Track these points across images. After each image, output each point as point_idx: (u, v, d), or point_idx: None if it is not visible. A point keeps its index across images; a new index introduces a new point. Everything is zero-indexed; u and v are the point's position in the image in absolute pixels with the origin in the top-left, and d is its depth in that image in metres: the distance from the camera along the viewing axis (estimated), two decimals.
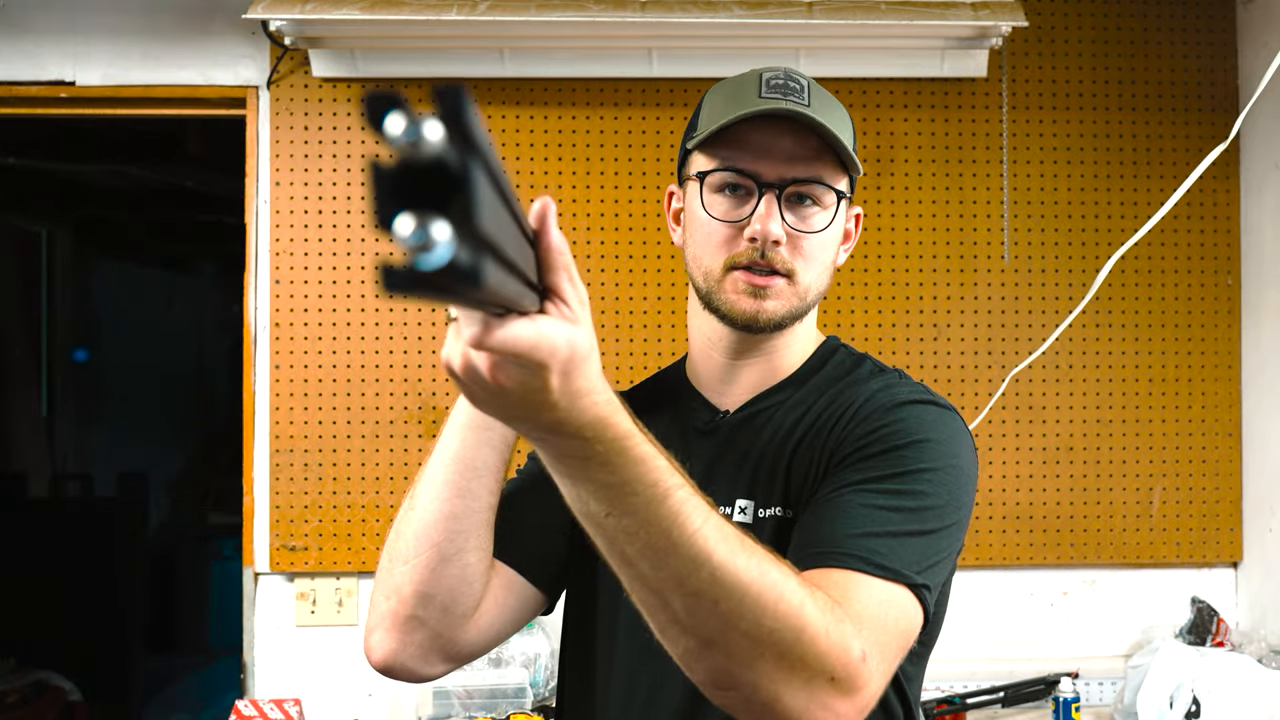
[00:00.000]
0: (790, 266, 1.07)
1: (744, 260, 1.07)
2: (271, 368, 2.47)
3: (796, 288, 1.09)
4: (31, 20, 2.49)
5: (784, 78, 1.08)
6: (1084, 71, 2.57)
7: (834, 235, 1.11)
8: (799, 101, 1.05)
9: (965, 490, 1.02)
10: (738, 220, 1.07)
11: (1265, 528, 2.48)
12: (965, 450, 1.04)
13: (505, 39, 2.40)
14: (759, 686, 0.81)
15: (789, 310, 1.09)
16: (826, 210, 1.08)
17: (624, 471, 0.73)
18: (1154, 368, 2.56)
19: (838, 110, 1.10)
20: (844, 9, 2.31)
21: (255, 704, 2.31)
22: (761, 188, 1.06)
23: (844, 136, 1.08)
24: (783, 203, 1.06)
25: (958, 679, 2.45)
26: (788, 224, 1.06)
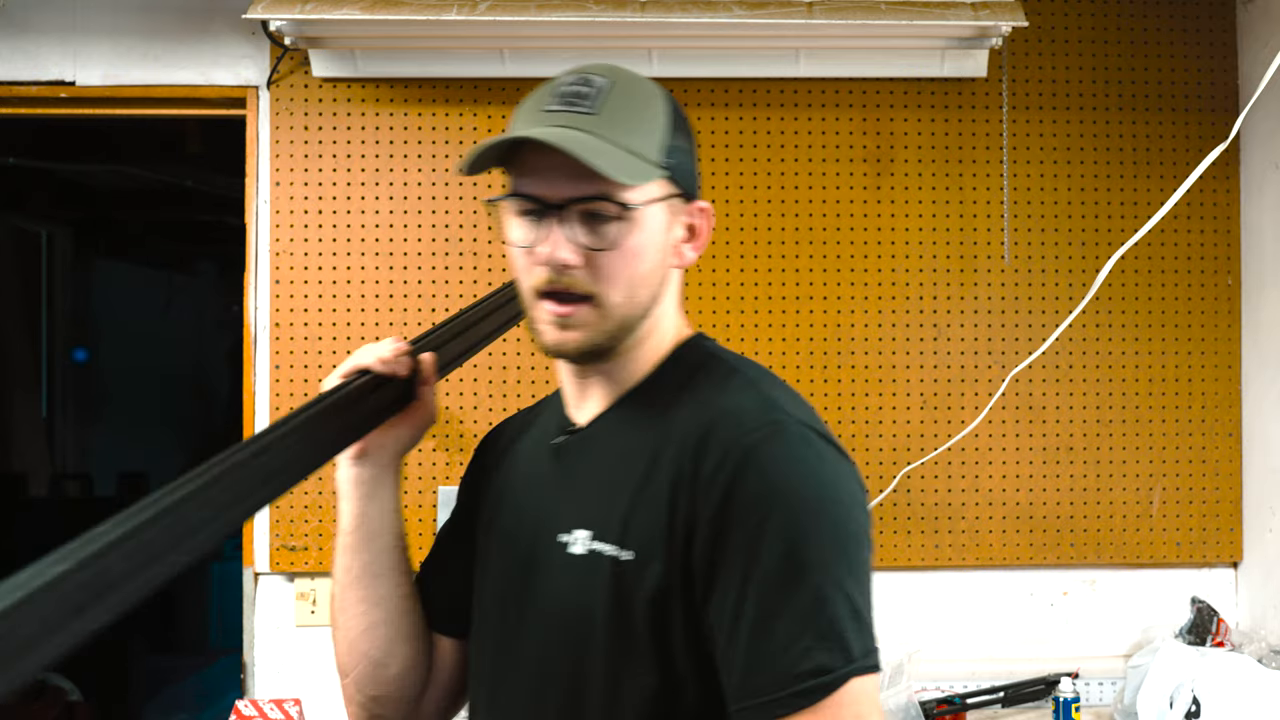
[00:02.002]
0: (591, 289, 1.00)
1: (544, 287, 1.01)
2: (271, 368, 2.47)
3: (603, 310, 1.01)
4: (31, 20, 2.49)
5: (576, 83, 1.01)
6: (1084, 71, 2.57)
7: (642, 244, 1.01)
8: (585, 110, 0.99)
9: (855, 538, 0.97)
10: (530, 245, 1.01)
11: (1265, 528, 2.48)
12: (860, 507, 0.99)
13: (505, 39, 2.40)
14: None
15: (599, 337, 1.02)
16: (627, 222, 1.00)
17: None
18: (1154, 368, 2.56)
19: (634, 109, 1.02)
20: (844, 9, 2.31)
21: (255, 704, 2.31)
22: (547, 210, 1.00)
23: (636, 138, 1.00)
24: (576, 221, 0.99)
25: (958, 679, 2.45)
26: (584, 244, 0.99)
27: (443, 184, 2.50)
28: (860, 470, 1.03)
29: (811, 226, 2.53)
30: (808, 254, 2.52)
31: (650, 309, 1.06)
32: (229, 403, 4.84)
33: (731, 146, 2.53)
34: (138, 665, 4.35)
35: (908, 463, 2.45)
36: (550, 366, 1.11)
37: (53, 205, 4.89)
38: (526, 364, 2.47)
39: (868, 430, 2.51)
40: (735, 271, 2.51)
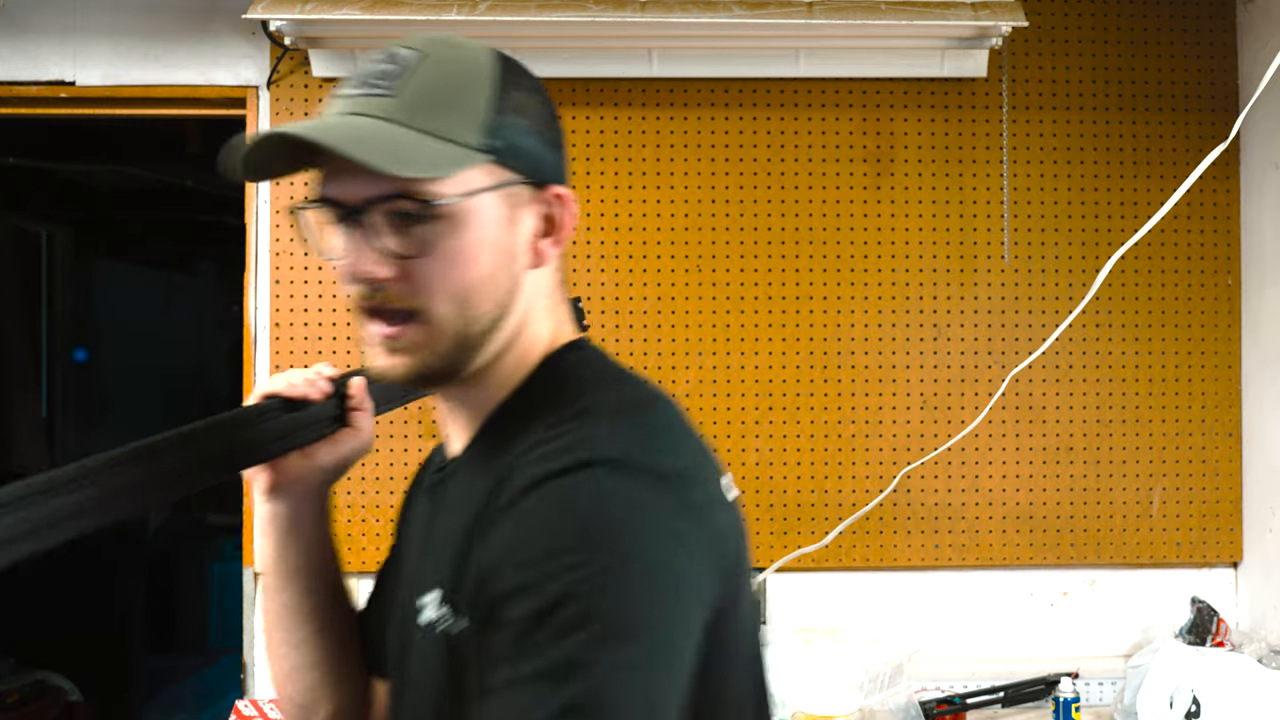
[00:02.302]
0: (411, 304, 0.85)
1: (363, 305, 0.87)
2: (271, 368, 2.47)
3: (431, 327, 0.85)
4: (31, 20, 2.49)
5: (380, 62, 0.86)
6: (1084, 71, 2.57)
7: (470, 244, 0.85)
8: (382, 92, 0.84)
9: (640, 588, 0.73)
10: (336, 259, 0.87)
11: (1265, 528, 2.48)
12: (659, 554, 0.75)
13: (505, 39, 2.40)
14: None
15: (432, 360, 0.86)
16: (441, 221, 0.83)
17: None
18: (1154, 368, 2.56)
19: (446, 86, 0.85)
20: (844, 9, 2.31)
21: (255, 704, 2.31)
22: (348, 215, 0.85)
23: (446, 120, 0.84)
24: (384, 227, 0.84)
25: (958, 679, 2.45)
26: (395, 251, 0.84)
27: None
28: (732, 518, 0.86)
29: (811, 226, 2.53)
30: (808, 254, 2.52)
31: (499, 321, 0.88)
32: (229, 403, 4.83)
33: (731, 146, 2.53)
34: (138, 665, 4.35)
35: (908, 463, 2.45)
36: None
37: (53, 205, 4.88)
38: None
39: (868, 430, 2.51)
40: (735, 271, 2.51)
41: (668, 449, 0.82)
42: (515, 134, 0.86)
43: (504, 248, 0.87)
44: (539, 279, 0.91)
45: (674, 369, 2.50)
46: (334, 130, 0.81)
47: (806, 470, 2.51)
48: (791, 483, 2.51)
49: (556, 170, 0.91)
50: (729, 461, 2.47)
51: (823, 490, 2.51)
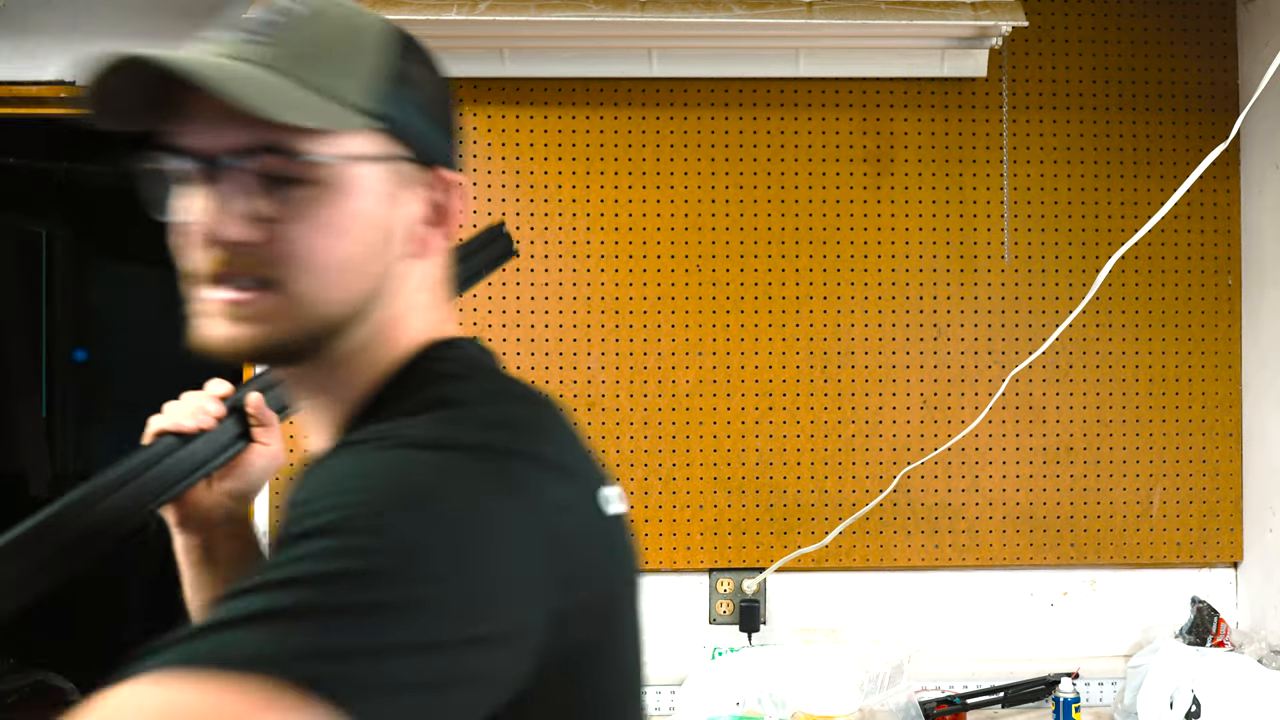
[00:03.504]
0: (270, 273, 0.74)
1: (208, 271, 0.75)
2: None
3: (289, 299, 0.75)
4: (32, 20, 2.49)
5: (265, 11, 0.78)
6: (1084, 71, 2.57)
7: (347, 215, 0.76)
8: (260, 40, 0.76)
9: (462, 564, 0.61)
10: (184, 220, 0.76)
11: (1265, 528, 2.48)
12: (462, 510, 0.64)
13: (505, 39, 2.40)
14: None
15: (282, 335, 0.75)
16: (318, 185, 0.74)
17: None
18: (1154, 368, 2.56)
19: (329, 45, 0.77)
20: (844, 9, 2.31)
21: None
22: (208, 169, 0.74)
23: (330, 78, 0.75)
24: (250, 186, 0.74)
25: (958, 679, 2.45)
26: (261, 213, 0.74)
27: None
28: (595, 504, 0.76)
29: (811, 226, 2.53)
30: (808, 254, 2.52)
31: (364, 307, 0.78)
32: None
33: (731, 146, 2.53)
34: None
35: (908, 463, 2.45)
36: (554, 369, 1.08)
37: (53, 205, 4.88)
38: (527, 367, 2.47)
39: (868, 430, 2.52)
40: (735, 271, 2.51)
41: (520, 436, 0.72)
42: (406, 108, 0.79)
43: (381, 226, 0.78)
44: (421, 271, 0.82)
45: (674, 369, 2.50)
46: (202, 65, 0.71)
47: (806, 470, 2.51)
48: (791, 483, 2.50)
49: (447, 155, 0.84)
50: (729, 461, 2.48)
51: (823, 490, 2.51)
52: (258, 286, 0.74)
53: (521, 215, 2.50)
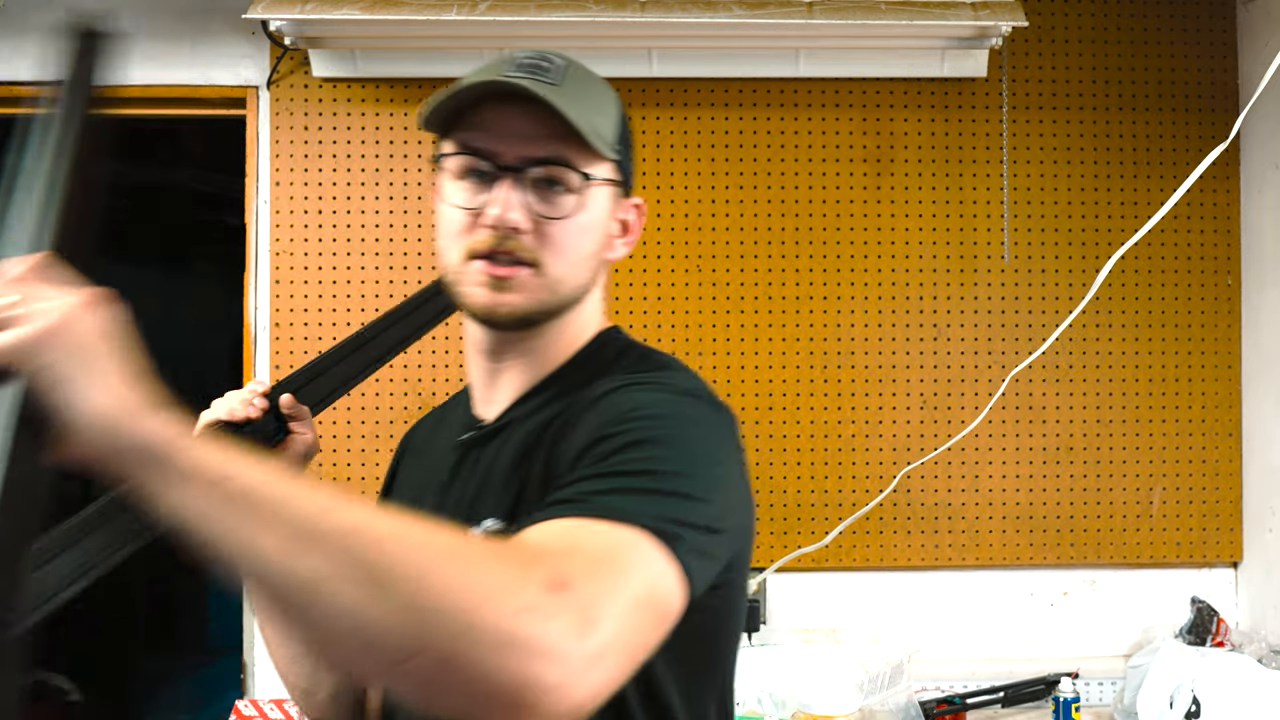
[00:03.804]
0: (534, 256, 0.97)
1: (483, 248, 0.97)
2: (271, 368, 2.47)
3: (545, 279, 0.98)
4: (32, 20, 2.49)
5: (536, 58, 0.99)
6: (1084, 71, 2.57)
7: (591, 222, 1.00)
8: (548, 80, 0.96)
9: (719, 474, 0.88)
10: (477, 207, 0.97)
11: (1265, 528, 2.48)
12: (721, 442, 0.92)
13: (505, 39, 2.40)
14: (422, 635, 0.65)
15: (536, 304, 0.98)
16: (578, 195, 0.98)
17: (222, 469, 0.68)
18: (1154, 368, 2.56)
19: (593, 92, 1.01)
20: (844, 9, 2.31)
21: (255, 704, 2.31)
22: (500, 171, 0.97)
23: (597, 118, 0.98)
24: (530, 187, 0.97)
25: (958, 679, 2.45)
26: (535, 210, 0.97)
27: None
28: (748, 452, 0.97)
29: (811, 226, 2.53)
30: (808, 254, 2.52)
31: (583, 294, 1.03)
32: None
33: (731, 146, 2.53)
34: (137, 665, 4.35)
35: (908, 463, 2.45)
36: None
37: None
38: None
39: (868, 430, 2.51)
40: (735, 271, 2.51)
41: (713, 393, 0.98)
42: (625, 150, 1.04)
43: (604, 234, 1.03)
44: (606, 270, 1.07)
45: None
46: (548, 93, 0.94)
47: (806, 470, 2.51)
48: (791, 483, 2.50)
49: (632, 187, 1.08)
50: None
51: (823, 490, 2.51)
52: (522, 265, 0.97)
53: None
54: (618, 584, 0.72)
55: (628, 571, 0.74)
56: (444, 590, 0.65)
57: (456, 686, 0.66)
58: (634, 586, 0.73)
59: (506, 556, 0.70)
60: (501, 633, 0.65)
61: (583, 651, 0.67)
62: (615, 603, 0.71)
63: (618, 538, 0.75)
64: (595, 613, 0.68)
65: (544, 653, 0.65)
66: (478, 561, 0.68)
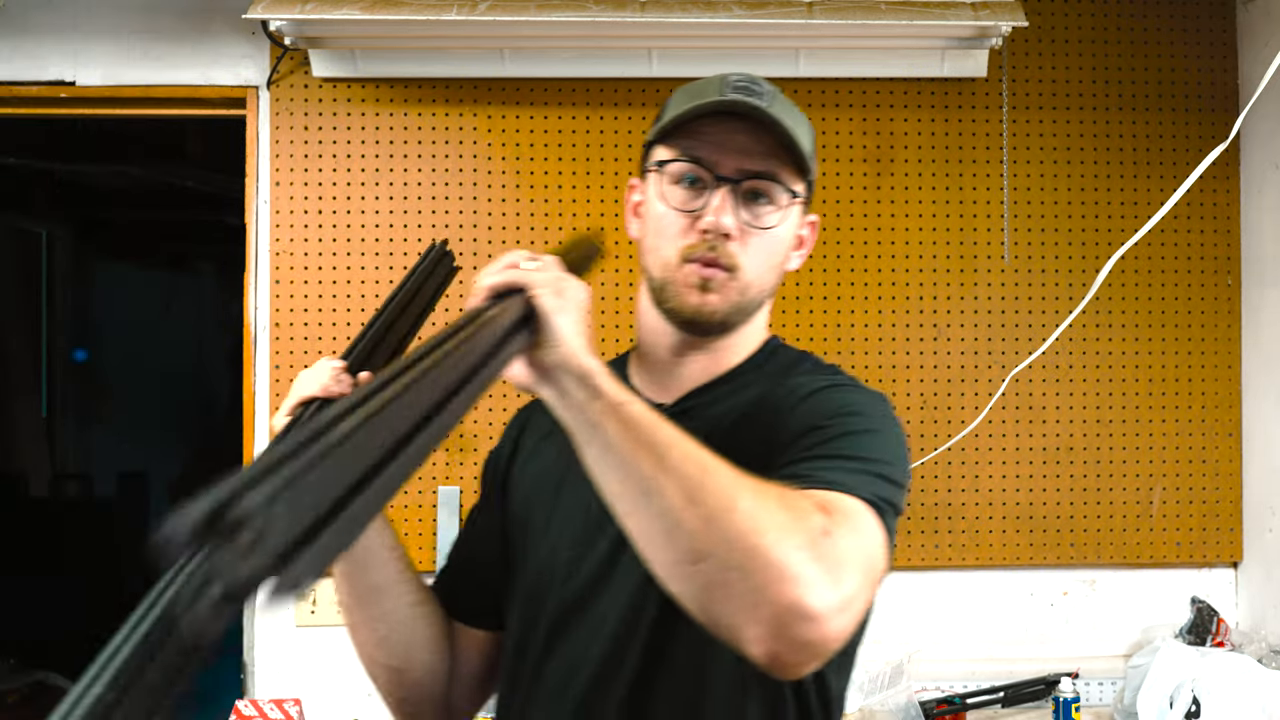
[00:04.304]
0: (735, 261, 1.07)
1: (696, 253, 1.07)
2: (271, 368, 2.47)
3: (738, 283, 1.08)
4: (32, 20, 2.49)
5: (747, 81, 1.09)
6: (1084, 71, 2.57)
7: (786, 235, 1.11)
8: (763, 102, 1.06)
9: (905, 460, 1.04)
10: (693, 211, 1.07)
11: (1265, 528, 2.48)
12: (900, 431, 1.07)
13: (505, 39, 2.40)
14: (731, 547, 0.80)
15: (732, 306, 1.09)
16: (780, 209, 1.09)
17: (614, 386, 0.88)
18: (1154, 368, 2.56)
19: (798, 116, 1.11)
20: (844, 9, 2.31)
21: (255, 704, 2.31)
22: (717, 180, 1.07)
23: (802, 140, 1.08)
24: (738, 198, 1.07)
25: (958, 679, 2.45)
26: (741, 219, 1.07)
27: (443, 184, 2.50)
28: None
29: None
30: None
31: (766, 300, 1.14)
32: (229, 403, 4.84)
33: None
34: None
35: None
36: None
37: (53, 205, 4.89)
38: None
39: None
40: None
41: None
42: (814, 172, 1.13)
43: (790, 247, 1.13)
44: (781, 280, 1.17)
45: None
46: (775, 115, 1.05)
47: None
48: None
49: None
50: None
51: None
52: (725, 269, 1.07)
53: (521, 215, 2.50)
54: (860, 542, 0.88)
55: (867, 533, 0.90)
56: (741, 514, 0.81)
57: (732, 595, 0.80)
58: (869, 548, 0.89)
59: (791, 501, 0.85)
60: (778, 560, 0.79)
61: (837, 595, 0.81)
62: (858, 559, 0.86)
63: (854, 505, 0.90)
64: (845, 564, 0.83)
65: (810, 585, 0.79)
66: (771, 499, 0.83)
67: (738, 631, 0.82)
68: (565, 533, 1.11)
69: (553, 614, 1.09)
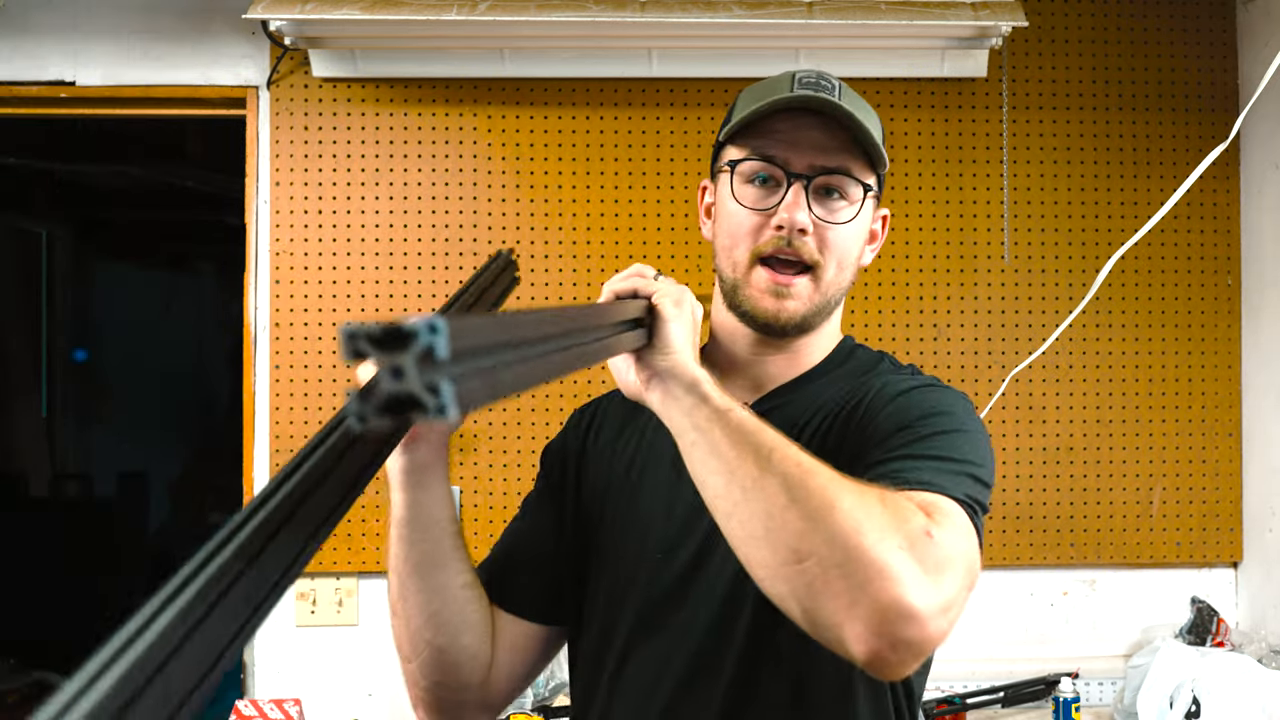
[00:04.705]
0: (815, 258, 1.07)
1: (769, 249, 1.07)
2: (271, 368, 2.47)
3: (819, 284, 1.09)
4: (32, 20, 2.49)
5: (815, 76, 1.09)
6: (1084, 71, 2.57)
7: (860, 230, 1.11)
8: (832, 95, 1.06)
9: (992, 460, 1.03)
10: (766, 209, 1.07)
11: (1265, 528, 2.48)
12: (986, 432, 1.07)
13: (505, 39, 2.40)
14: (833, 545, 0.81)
15: (811, 309, 1.09)
16: (853, 204, 1.09)
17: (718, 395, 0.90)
18: (1154, 368, 2.56)
19: (867, 109, 1.11)
20: (844, 9, 2.31)
21: (255, 704, 2.31)
22: (790, 177, 1.07)
23: (874, 133, 1.08)
24: (810, 194, 1.07)
25: (958, 679, 2.45)
26: (815, 215, 1.07)
27: (443, 184, 2.50)
28: None
29: None
30: None
31: (840, 299, 1.13)
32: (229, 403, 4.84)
33: None
34: None
35: None
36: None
37: (53, 205, 4.89)
38: None
39: None
40: None
41: None
42: (887, 164, 1.12)
43: (864, 240, 1.14)
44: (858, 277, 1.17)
45: None
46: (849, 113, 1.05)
47: None
48: None
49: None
50: None
51: None
52: (799, 271, 1.08)
53: (521, 215, 2.50)
54: (961, 544, 0.87)
55: (965, 535, 0.89)
56: (843, 514, 0.81)
57: (834, 594, 0.81)
58: (968, 550, 0.89)
59: (892, 501, 0.85)
60: (880, 558, 0.80)
61: (939, 595, 0.81)
62: (959, 561, 0.85)
63: (951, 506, 0.91)
64: (947, 565, 0.83)
65: (912, 584, 0.79)
66: (872, 499, 0.84)
67: (839, 630, 0.82)
68: (648, 537, 1.10)
69: (637, 617, 1.09)
